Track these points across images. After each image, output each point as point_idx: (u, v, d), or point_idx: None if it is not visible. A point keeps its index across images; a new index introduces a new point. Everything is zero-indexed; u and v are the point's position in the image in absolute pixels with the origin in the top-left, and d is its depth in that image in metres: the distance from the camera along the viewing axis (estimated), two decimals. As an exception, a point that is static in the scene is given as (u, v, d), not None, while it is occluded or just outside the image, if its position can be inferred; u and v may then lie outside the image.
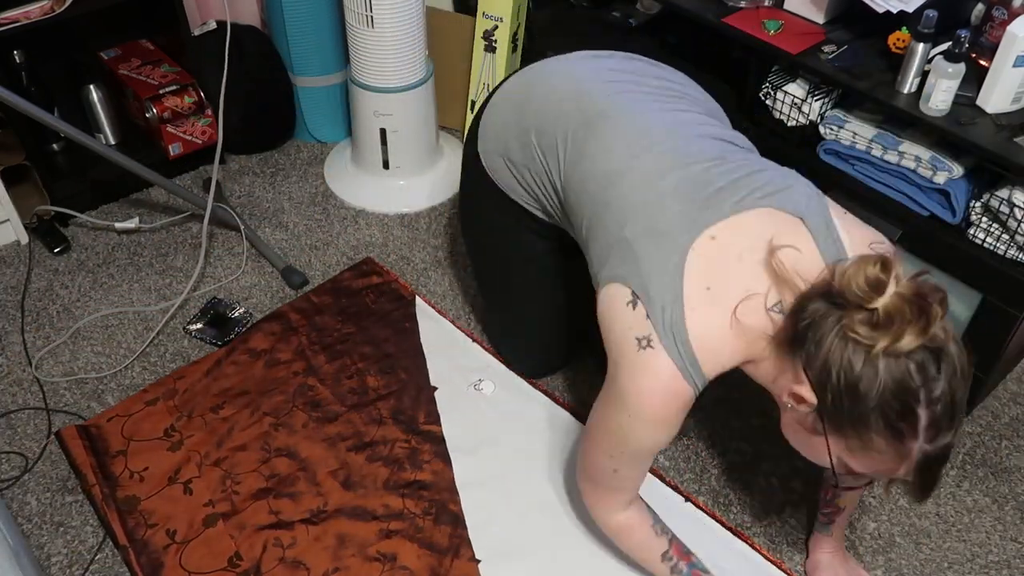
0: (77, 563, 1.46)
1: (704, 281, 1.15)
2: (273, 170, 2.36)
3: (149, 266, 2.04)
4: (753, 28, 1.78)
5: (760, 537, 1.53)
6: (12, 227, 2.06)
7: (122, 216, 2.17)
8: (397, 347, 1.83)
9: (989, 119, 1.54)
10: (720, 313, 1.14)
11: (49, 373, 1.78)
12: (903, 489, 1.35)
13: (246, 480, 1.57)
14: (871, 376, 0.99)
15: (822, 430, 1.06)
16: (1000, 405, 1.78)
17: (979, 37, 1.63)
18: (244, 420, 1.68)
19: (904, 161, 1.63)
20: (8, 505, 1.54)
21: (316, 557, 1.46)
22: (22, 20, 1.85)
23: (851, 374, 1.00)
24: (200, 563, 1.45)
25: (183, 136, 2.16)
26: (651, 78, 1.44)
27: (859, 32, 1.76)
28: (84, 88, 2.14)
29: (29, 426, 1.68)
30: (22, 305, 1.93)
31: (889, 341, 0.97)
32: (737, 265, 1.16)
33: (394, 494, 1.56)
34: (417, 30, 2.07)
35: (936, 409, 0.99)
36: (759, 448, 1.67)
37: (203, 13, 2.34)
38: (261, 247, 2.08)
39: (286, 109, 2.38)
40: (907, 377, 0.98)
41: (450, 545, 1.49)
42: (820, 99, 1.75)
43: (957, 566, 1.50)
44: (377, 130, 2.19)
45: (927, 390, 0.98)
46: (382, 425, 1.68)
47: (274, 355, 1.80)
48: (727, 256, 1.16)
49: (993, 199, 1.53)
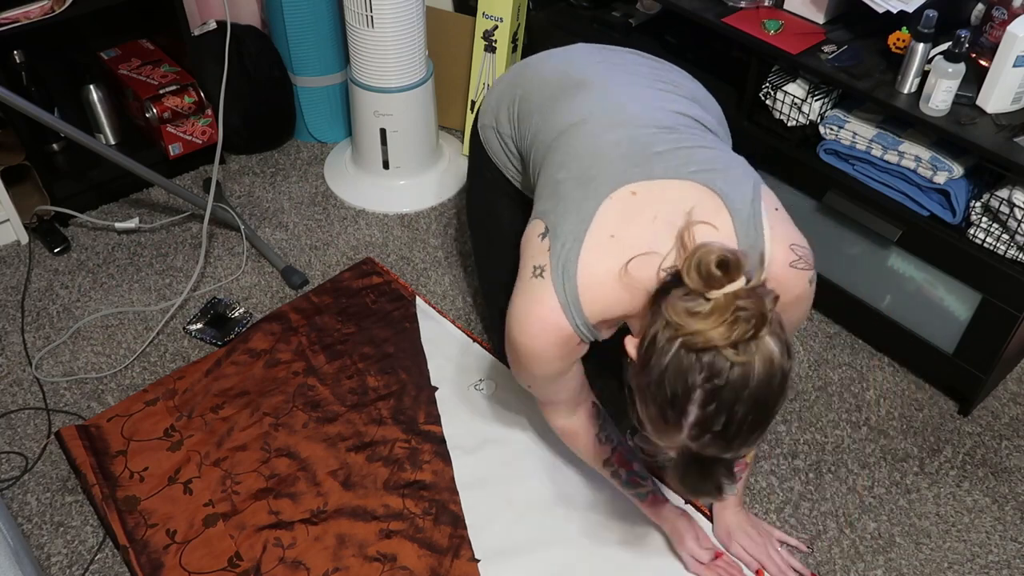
0: (77, 563, 1.46)
1: (611, 229, 1.17)
2: (273, 170, 2.36)
3: (149, 266, 2.05)
4: (753, 28, 1.78)
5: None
6: (12, 227, 2.06)
7: (122, 216, 2.17)
8: (397, 347, 1.83)
9: (989, 119, 1.54)
10: (613, 261, 1.15)
11: (49, 373, 1.78)
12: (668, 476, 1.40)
13: (246, 480, 1.57)
14: (662, 354, 1.00)
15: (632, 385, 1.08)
16: (1000, 405, 1.78)
17: (979, 37, 1.63)
18: (244, 420, 1.68)
19: (904, 161, 1.63)
20: (8, 505, 1.54)
21: (316, 557, 1.46)
22: (22, 20, 1.85)
23: (652, 345, 1.01)
24: (200, 563, 1.45)
25: (183, 136, 2.16)
26: (643, 67, 1.46)
27: (859, 32, 1.76)
28: (84, 88, 2.15)
29: (29, 426, 1.68)
30: (22, 305, 1.93)
31: (692, 332, 0.97)
32: (649, 224, 1.16)
33: (394, 494, 1.56)
34: (417, 30, 2.07)
35: (708, 411, 0.98)
36: (759, 448, 1.67)
37: (203, 13, 2.34)
38: (261, 247, 2.08)
39: (286, 109, 2.38)
40: (690, 371, 0.98)
41: (450, 545, 1.49)
42: (820, 99, 1.75)
43: (957, 566, 1.50)
44: (377, 130, 2.19)
45: (705, 391, 0.97)
46: (382, 425, 1.68)
47: (274, 355, 1.80)
48: (642, 213, 1.18)
49: (993, 199, 1.53)
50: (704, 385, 0.97)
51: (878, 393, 1.79)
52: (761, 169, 1.88)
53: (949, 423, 1.74)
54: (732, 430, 0.99)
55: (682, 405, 0.99)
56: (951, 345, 1.70)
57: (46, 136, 2.15)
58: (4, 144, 2.01)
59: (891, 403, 1.78)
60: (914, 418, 1.75)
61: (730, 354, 0.96)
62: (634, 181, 1.19)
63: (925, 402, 1.78)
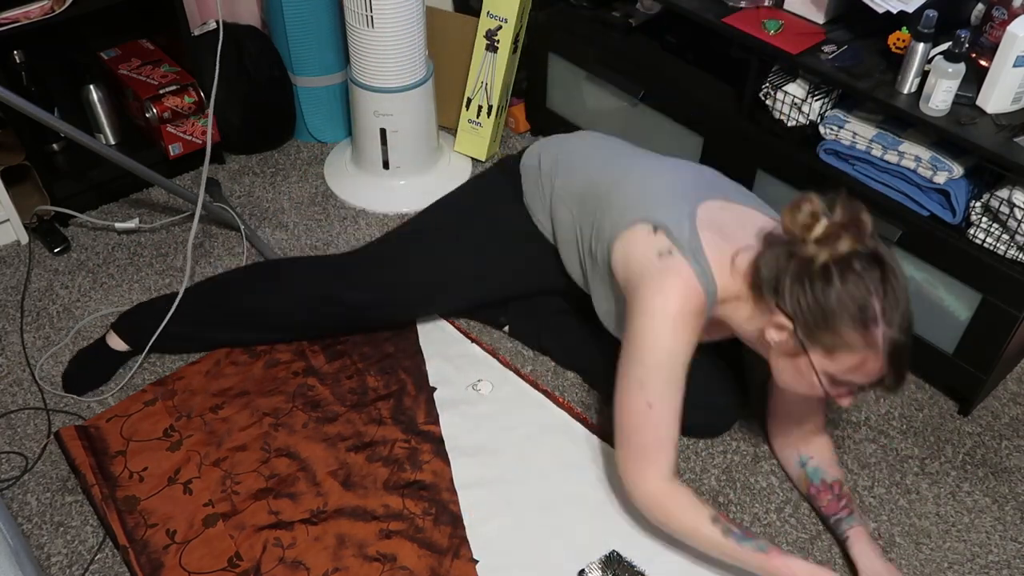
0: (77, 563, 1.47)
1: (715, 226, 1.38)
2: (273, 170, 2.36)
3: (149, 266, 2.05)
4: (753, 28, 1.78)
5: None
6: (12, 227, 2.06)
7: (122, 216, 2.17)
8: (396, 347, 1.83)
9: (989, 119, 1.54)
10: (727, 247, 1.35)
11: (49, 373, 1.78)
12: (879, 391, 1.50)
13: (246, 480, 1.57)
14: (826, 282, 1.21)
15: (802, 348, 1.26)
16: (1000, 405, 1.78)
17: (979, 37, 1.63)
18: (244, 420, 1.68)
19: (904, 161, 1.63)
20: (8, 505, 1.54)
21: (316, 557, 1.46)
22: (22, 20, 1.85)
23: (813, 287, 1.22)
24: (200, 563, 1.45)
25: (183, 136, 2.16)
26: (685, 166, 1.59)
27: (859, 32, 1.76)
28: (84, 88, 2.14)
29: (29, 426, 1.68)
30: (22, 305, 1.93)
31: (831, 251, 1.21)
32: (740, 229, 1.38)
33: (394, 494, 1.56)
34: (417, 30, 2.07)
35: (888, 298, 1.21)
36: (759, 448, 1.67)
37: (203, 13, 2.34)
38: (261, 247, 2.08)
39: (286, 109, 2.38)
40: (857, 277, 1.20)
41: (450, 545, 1.49)
42: (820, 99, 1.75)
43: (957, 566, 1.50)
44: (377, 130, 2.19)
45: (876, 284, 1.21)
46: (382, 425, 1.68)
47: (274, 355, 1.80)
48: (732, 221, 1.40)
49: (993, 199, 1.53)
50: (872, 280, 1.21)
51: (878, 393, 1.79)
52: (761, 169, 1.88)
53: (949, 423, 1.74)
54: (902, 299, 1.22)
55: (869, 304, 1.20)
56: (951, 345, 1.70)
57: (46, 136, 2.15)
58: (4, 144, 2.01)
59: (891, 403, 1.78)
60: (914, 418, 1.75)
61: (863, 248, 1.21)
62: (713, 198, 1.42)
63: (925, 402, 1.78)
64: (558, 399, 1.74)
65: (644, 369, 1.33)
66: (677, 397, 1.35)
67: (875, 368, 1.24)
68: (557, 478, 1.60)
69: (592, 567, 1.45)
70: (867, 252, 1.21)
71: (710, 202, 1.41)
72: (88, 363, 1.75)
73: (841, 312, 1.20)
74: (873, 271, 1.21)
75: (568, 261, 1.62)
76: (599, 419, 1.72)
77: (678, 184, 1.45)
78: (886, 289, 1.21)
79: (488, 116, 2.35)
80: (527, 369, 1.82)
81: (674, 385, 1.34)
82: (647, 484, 1.37)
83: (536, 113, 2.45)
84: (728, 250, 1.35)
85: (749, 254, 1.33)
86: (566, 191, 1.58)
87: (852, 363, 1.24)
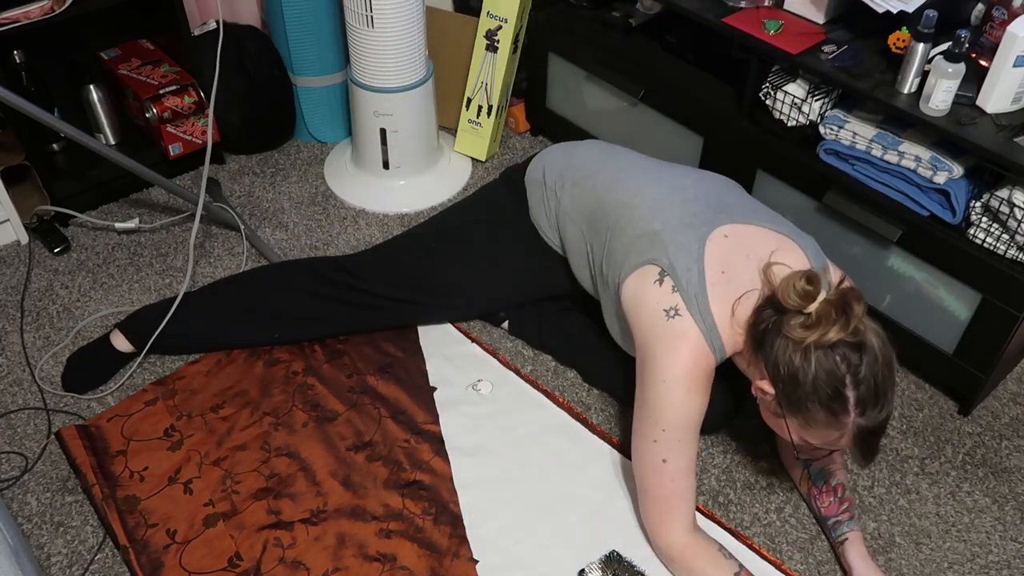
0: (77, 563, 1.47)
1: (720, 266, 1.37)
2: (273, 170, 2.36)
3: (149, 266, 2.05)
4: (753, 28, 1.78)
5: (760, 537, 1.53)
6: (12, 227, 2.06)
7: (122, 216, 2.17)
8: (396, 347, 1.83)
9: (989, 119, 1.54)
10: (730, 296, 1.36)
11: (49, 373, 1.78)
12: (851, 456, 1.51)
13: (246, 480, 1.57)
14: (806, 367, 1.24)
15: (781, 413, 1.31)
16: (1000, 405, 1.78)
17: (979, 37, 1.63)
18: (244, 420, 1.68)
19: (904, 161, 1.63)
20: (8, 505, 1.54)
21: (316, 557, 1.46)
22: (22, 20, 1.85)
23: (791, 367, 1.25)
24: (200, 563, 1.45)
25: (183, 136, 2.16)
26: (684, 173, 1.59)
27: (859, 32, 1.76)
28: (84, 88, 2.14)
29: (29, 426, 1.68)
30: (22, 305, 1.93)
31: (818, 337, 1.22)
32: (745, 262, 1.38)
33: (394, 494, 1.56)
34: (417, 30, 2.07)
35: (861, 389, 1.22)
36: (759, 448, 1.67)
37: (203, 13, 2.34)
38: (261, 247, 2.08)
39: (286, 109, 2.38)
40: (834, 366, 1.22)
41: (450, 545, 1.49)
42: (820, 99, 1.75)
43: (957, 566, 1.50)
44: (377, 130, 2.19)
45: (852, 375, 1.22)
46: (382, 425, 1.68)
47: (274, 355, 1.80)
48: (738, 252, 1.39)
49: (993, 199, 1.53)
50: (849, 370, 1.22)
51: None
52: (761, 169, 1.88)
53: (949, 423, 1.74)
54: (880, 391, 1.23)
55: (842, 393, 1.22)
56: (951, 345, 1.70)
57: (46, 136, 2.15)
58: (4, 144, 2.01)
59: (891, 403, 1.78)
60: (914, 418, 1.75)
61: (851, 339, 1.22)
62: (723, 224, 1.42)
63: (925, 402, 1.78)
64: (558, 399, 1.74)
65: (657, 429, 1.36)
66: (692, 451, 1.38)
67: (848, 443, 1.28)
68: (557, 478, 1.60)
69: (592, 567, 1.45)
70: (853, 341, 1.22)
71: (718, 230, 1.40)
72: (89, 362, 1.75)
73: (814, 396, 1.24)
74: (854, 359, 1.22)
75: (578, 271, 1.64)
76: (599, 419, 1.72)
77: (686, 211, 1.43)
78: (864, 379, 1.22)
79: (488, 116, 2.35)
80: (527, 369, 1.82)
81: (687, 442, 1.37)
82: (671, 536, 1.40)
83: (536, 113, 2.45)
84: (731, 297, 1.36)
85: (749, 301, 1.35)
86: (574, 208, 1.59)
87: (825, 438, 1.29)
